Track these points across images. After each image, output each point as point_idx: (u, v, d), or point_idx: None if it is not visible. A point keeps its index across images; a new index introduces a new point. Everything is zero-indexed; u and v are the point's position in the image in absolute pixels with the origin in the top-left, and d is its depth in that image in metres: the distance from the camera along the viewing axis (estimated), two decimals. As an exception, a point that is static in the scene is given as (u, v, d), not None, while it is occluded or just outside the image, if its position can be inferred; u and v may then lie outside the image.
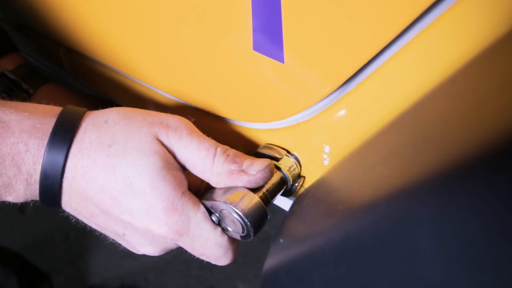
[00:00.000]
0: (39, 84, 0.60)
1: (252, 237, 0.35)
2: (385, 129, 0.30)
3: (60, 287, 1.13)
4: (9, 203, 0.35)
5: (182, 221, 0.34)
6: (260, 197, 0.36)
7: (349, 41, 0.31)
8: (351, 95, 0.34)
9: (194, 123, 0.37)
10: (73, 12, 0.53)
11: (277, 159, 0.40)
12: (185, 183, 0.35)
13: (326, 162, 0.38)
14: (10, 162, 0.32)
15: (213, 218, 0.36)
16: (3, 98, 0.34)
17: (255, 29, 0.35)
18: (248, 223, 0.34)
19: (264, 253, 0.35)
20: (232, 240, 0.37)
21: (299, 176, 0.41)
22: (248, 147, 0.44)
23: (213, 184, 0.36)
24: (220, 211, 0.35)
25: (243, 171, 0.35)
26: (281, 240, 0.32)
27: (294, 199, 0.41)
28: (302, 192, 0.40)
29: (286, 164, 0.40)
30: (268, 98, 0.38)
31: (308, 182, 0.41)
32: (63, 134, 0.33)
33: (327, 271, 0.24)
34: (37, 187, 0.33)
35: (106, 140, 0.33)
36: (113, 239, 0.38)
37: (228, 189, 0.36)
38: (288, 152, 0.40)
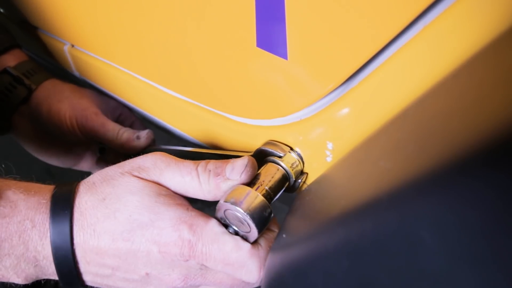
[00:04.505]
0: (41, 80, 0.61)
1: (257, 235, 0.35)
2: (388, 124, 0.30)
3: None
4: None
5: (194, 231, 0.34)
6: (262, 194, 0.36)
7: (353, 38, 0.31)
8: (354, 91, 0.34)
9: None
10: (78, 9, 0.53)
11: (280, 156, 0.40)
12: (187, 202, 0.37)
13: (329, 159, 0.38)
14: (17, 241, 0.33)
15: (230, 230, 0.35)
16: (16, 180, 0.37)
17: (258, 26, 0.35)
18: (252, 220, 0.34)
19: (267, 251, 0.36)
20: (258, 250, 0.35)
21: (301, 172, 0.41)
22: (251, 144, 0.44)
23: (211, 200, 0.37)
24: (225, 211, 0.35)
25: (228, 179, 0.36)
26: (284, 236, 0.32)
27: (296, 195, 0.41)
28: (305, 188, 0.40)
29: (289, 160, 0.40)
30: (271, 94, 0.38)
31: (310, 179, 0.41)
32: (63, 203, 0.35)
33: (329, 265, 0.24)
34: (47, 263, 0.34)
35: (99, 196, 0.35)
36: None
37: (231, 189, 0.36)
38: (291, 148, 0.40)
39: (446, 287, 0.17)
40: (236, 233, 0.36)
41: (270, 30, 0.34)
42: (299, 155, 0.40)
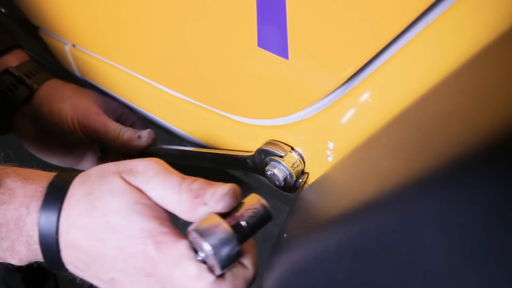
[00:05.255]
0: (43, 80, 0.61)
1: (220, 272, 0.33)
2: (390, 124, 0.30)
3: (64, 285, 1.13)
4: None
5: (159, 249, 0.33)
6: (236, 229, 0.33)
7: (354, 38, 0.31)
8: (355, 91, 0.34)
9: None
10: (79, 9, 0.53)
11: (280, 156, 0.40)
12: (165, 216, 0.36)
13: (330, 159, 0.38)
14: (13, 226, 0.34)
15: (198, 258, 0.33)
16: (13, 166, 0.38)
17: (259, 25, 0.35)
18: (214, 256, 0.32)
19: (268, 252, 0.35)
20: (220, 285, 0.33)
21: (302, 172, 0.41)
22: (252, 144, 0.44)
23: (187, 220, 0.36)
24: (193, 238, 0.33)
25: (206, 204, 0.34)
26: (285, 235, 0.32)
27: (297, 195, 0.41)
28: (306, 188, 0.40)
29: (290, 160, 0.40)
30: (272, 94, 0.38)
31: (311, 179, 0.41)
32: (56, 192, 0.35)
33: (331, 265, 0.24)
34: (38, 248, 0.35)
35: (87, 190, 0.35)
36: None
37: (205, 216, 0.34)
38: (292, 148, 0.40)
39: (448, 286, 0.17)
40: (204, 261, 0.34)
41: (271, 30, 0.34)
42: (300, 155, 0.40)
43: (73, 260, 0.36)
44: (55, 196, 0.35)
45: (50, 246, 0.35)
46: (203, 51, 0.41)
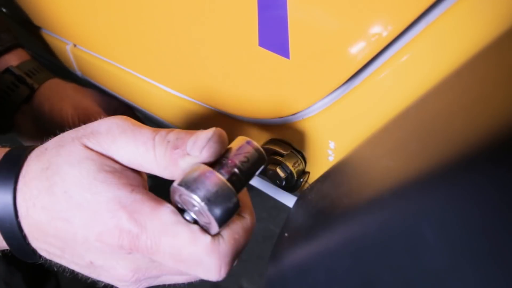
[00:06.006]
0: (44, 79, 0.61)
1: (218, 229, 0.29)
2: (391, 123, 0.30)
3: (66, 284, 1.13)
4: None
5: (135, 219, 0.28)
6: (229, 178, 0.29)
7: (354, 37, 0.31)
8: (356, 90, 0.34)
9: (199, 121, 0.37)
10: (80, 9, 0.53)
11: (282, 155, 0.40)
12: (137, 181, 0.31)
13: (331, 158, 0.38)
14: None
15: (187, 217, 0.29)
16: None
17: (260, 25, 0.35)
18: (209, 211, 0.27)
19: (268, 251, 0.35)
20: (218, 245, 0.29)
21: (303, 171, 0.41)
22: (253, 143, 0.44)
23: (168, 178, 0.31)
24: (180, 196, 0.29)
25: (188, 154, 0.29)
26: (286, 235, 0.32)
27: (299, 194, 0.41)
28: (307, 187, 0.40)
29: (291, 160, 0.40)
30: (273, 94, 0.38)
31: (312, 178, 0.41)
32: (8, 170, 0.31)
33: (332, 263, 0.24)
34: None
35: (44, 165, 0.31)
36: (92, 277, 0.34)
37: (189, 169, 0.29)
38: (293, 147, 0.40)
39: (447, 284, 0.17)
40: (195, 221, 0.29)
41: (272, 30, 0.34)
42: (301, 154, 0.40)
43: (45, 246, 0.31)
44: (7, 174, 0.30)
45: (11, 231, 0.31)
46: (203, 50, 0.41)
